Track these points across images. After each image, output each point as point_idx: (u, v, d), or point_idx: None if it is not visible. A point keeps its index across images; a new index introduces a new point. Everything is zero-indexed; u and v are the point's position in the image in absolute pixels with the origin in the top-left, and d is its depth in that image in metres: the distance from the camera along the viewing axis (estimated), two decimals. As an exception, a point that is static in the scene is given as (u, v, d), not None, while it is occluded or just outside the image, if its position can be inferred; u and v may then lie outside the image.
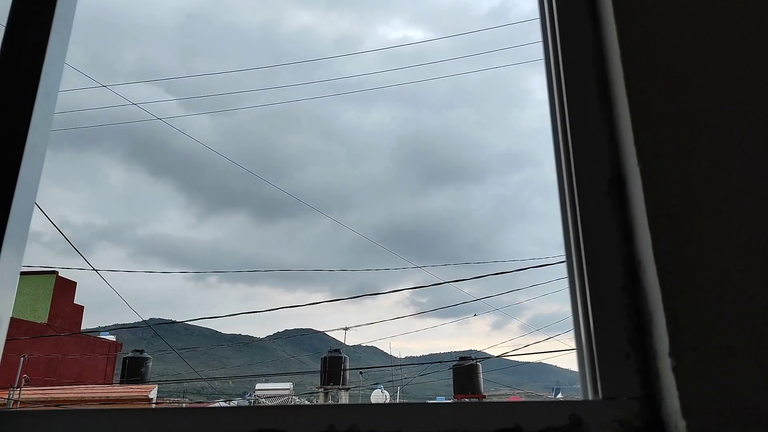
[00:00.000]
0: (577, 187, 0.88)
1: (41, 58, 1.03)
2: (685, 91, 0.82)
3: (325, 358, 22.12)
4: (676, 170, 0.79)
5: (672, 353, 0.71)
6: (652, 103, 0.82)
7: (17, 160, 0.97)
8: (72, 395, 17.15)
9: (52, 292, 22.98)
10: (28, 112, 1.00)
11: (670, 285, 0.74)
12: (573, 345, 0.93)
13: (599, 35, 0.95)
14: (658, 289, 0.74)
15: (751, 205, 0.76)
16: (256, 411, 0.81)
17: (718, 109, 0.81)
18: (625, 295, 0.82)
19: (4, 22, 1.07)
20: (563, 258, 0.95)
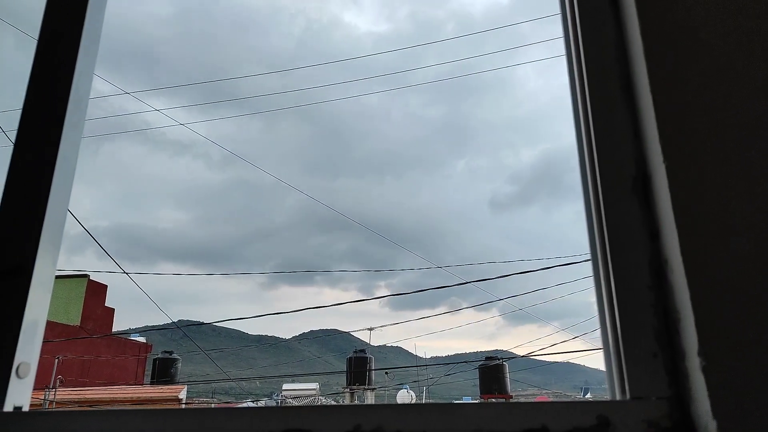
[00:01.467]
0: (601, 185, 0.87)
1: (71, 70, 1.06)
2: (710, 86, 0.81)
3: (350, 358, 22.18)
4: (703, 167, 0.77)
5: (701, 352, 0.70)
6: (677, 98, 0.81)
7: (50, 168, 1.01)
8: (105, 396, 17.54)
9: (84, 295, 23.56)
10: (60, 122, 1.04)
11: (698, 283, 0.72)
12: (600, 344, 0.92)
13: (621, 31, 0.94)
14: (686, 287, 0.73)
15: (781, 201, 0.74)
16: (283, 411, 0.82)
17: (746, 104, 0.79)
18: (652, 293, 0.81)
19: (36, 35, 1.10)
20: (588, 256, 0.95)
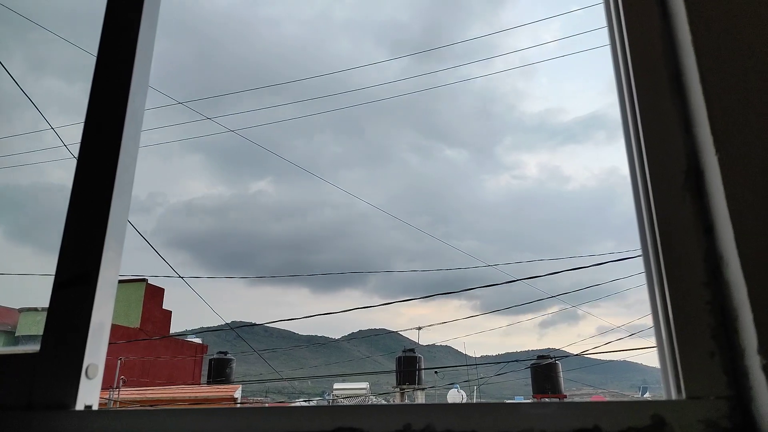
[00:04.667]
0: (651, 180, 0.85)
1: (127, 85, 1.12)
2: (763, 73, 0.78)
3: (400, 357, 22.20)
4: (757, 157, 0.74)
5: (761, 351, 0.67)
6: (728, 88, 0.78)
7: (111, 179, 1.06)
8: (164, 395, 18.23)
9: (143, 299, 24.55)
10: (119, 135, 1.09)
11: (756, 279, 0.70)
12: (655, 342, 0.89)
13: (668, 19, 0.91)
14: (743, 284, 0.70)
15: None
16: (335, 410, 0.84)
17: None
18: (708, 291, 0.78)
19: (95, 53, 1.17)
20: (640, 252, 0.92)
